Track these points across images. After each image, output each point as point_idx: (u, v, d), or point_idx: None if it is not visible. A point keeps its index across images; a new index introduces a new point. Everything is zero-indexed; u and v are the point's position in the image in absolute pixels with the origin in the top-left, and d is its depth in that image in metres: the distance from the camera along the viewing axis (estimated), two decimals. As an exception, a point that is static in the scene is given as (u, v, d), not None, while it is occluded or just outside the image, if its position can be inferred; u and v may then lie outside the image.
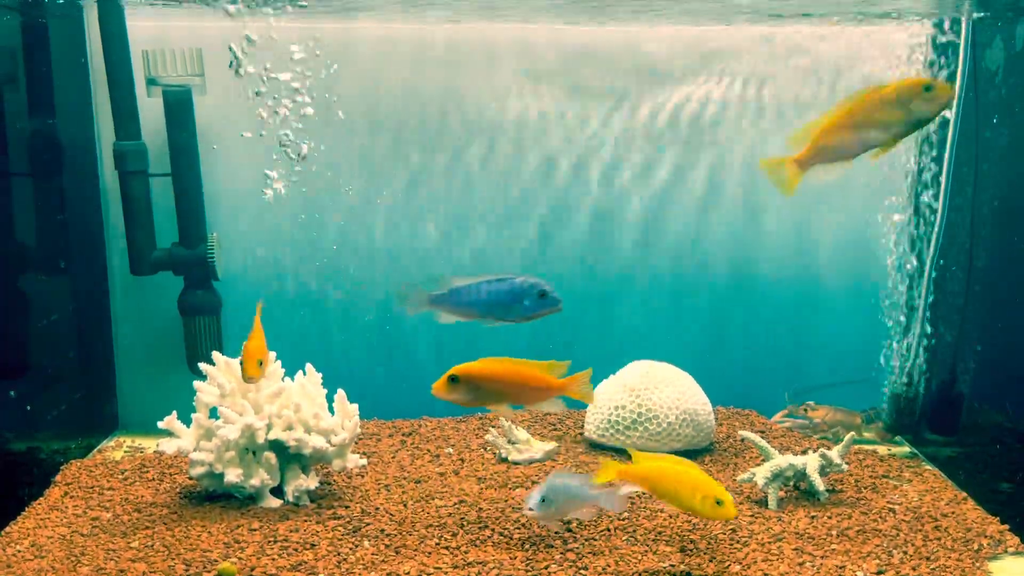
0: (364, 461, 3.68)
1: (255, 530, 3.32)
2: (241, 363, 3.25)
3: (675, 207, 4.68)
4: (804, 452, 3.99)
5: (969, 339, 4.49)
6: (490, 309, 2.87)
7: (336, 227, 4.57)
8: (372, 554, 3.14)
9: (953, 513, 3.54)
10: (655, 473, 3.03)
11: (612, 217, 4.67)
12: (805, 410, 4.33)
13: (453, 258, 4.64)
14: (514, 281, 2.86)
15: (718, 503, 2.93)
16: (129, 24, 4.12)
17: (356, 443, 4.13)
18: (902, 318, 4.57)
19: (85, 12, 4.21)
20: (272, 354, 3.65)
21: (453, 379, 3.04)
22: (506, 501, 3.60)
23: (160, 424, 3.58)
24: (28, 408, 4.34)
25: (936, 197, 4.41)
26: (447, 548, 3.19)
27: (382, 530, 3.33)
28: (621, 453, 4.12)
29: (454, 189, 4.60)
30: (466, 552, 3.16)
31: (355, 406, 3.62)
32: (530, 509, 3.05)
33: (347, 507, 3.55)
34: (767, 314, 4.75)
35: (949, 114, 4.31)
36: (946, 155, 4.35)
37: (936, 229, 4.41)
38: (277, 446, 3.55)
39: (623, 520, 3.43)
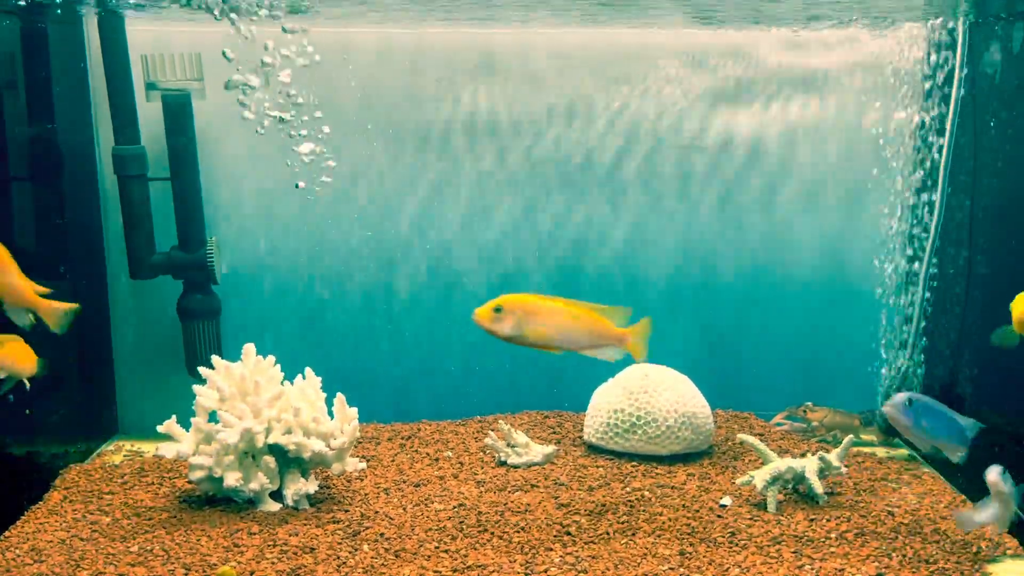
0: (363, 465, 3.68)
1: (254, 534, 3.32)
2: None
3: (674, 209, 4.69)
4: (803, 455, 3.99)
5: (967, 341, 4.49)
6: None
7: (335, 226, 4.58)
8: (371, 558, 3.15)
9: (952, 516, 3.55)
10: None
11: (610, 218, 4.68)
12: (804, 411, 4.34)
13: (461, 255, 4.66)
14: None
15: None
16: (128, 29, 4.13)
17: (355, 447, 4.13)
18: (900, 320, 4.58)
19: (84, 17, 4.22)
20: (271, 358, 3.66)
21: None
22: (505, 504, 3.61)
23: (159, 428, 3.59)
24: (27, 412, 4.34)
25: (933, 200, 4.42)
26: (446, 552, 3.19)
27: (381, 534, 3.33)
28: (620, 456, 4.13)
29: (464, 187, 4.61)
30: (465, 555, 3.16)
31: (354, 410, 3.62)
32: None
33: (346, 511, 3.55)
34: (766, 316, 4.76)
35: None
36: (943, 158, 4.36)
37: (933, 231, 4.41)
38: (276, 450, 3.55)
39: (622, 523, 3.43)
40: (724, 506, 3.62)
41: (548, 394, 4.77)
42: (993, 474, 3.12)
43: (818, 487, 3.60)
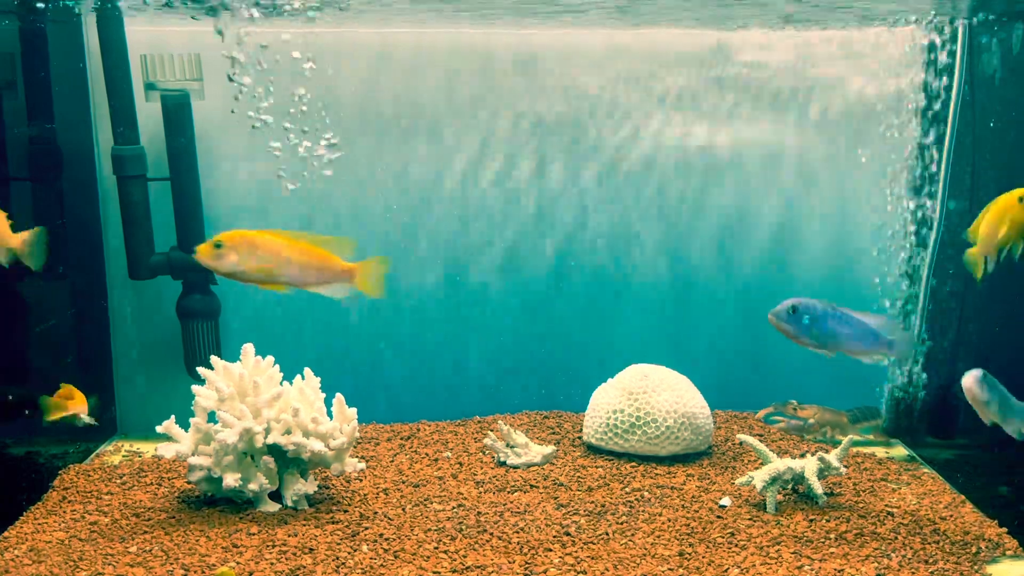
0: (363, 465, 3.68)
1: (253, 535, 3.32)
2: None
3: (669, 211, 4.69)
4: (802, 455, 3.99)
5: (967, 342, 4.49)
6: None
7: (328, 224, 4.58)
8: (370, 559, 3.14)
9: (951, 516, 3.55)
10: None
11: (610, 219, 4.68)
12: (794, 409, 4.30)
13: (457, 256, 4.65)
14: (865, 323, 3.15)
15: None
16: (127, 29, 4.13)
17: (355, 447, 4.13)
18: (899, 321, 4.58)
19: (84, 17, 4.21)
20: (270, 358, 3.66)
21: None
22: (504, 505, 3.61)
23: (158, 428, 3.59)
24: (27, 412, 4.34)
25: (933, 201, 4.42)
26: (445, 552, 3.19)
27: (380, 534, 3.33)
28: (620, 457, 4.13)
29: (452, 187, 4.60)
30: (464, 556, 3.16)
31: (354, 410, 3.62)
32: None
33: (345, 511, 3.55)
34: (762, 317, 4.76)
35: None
36: (943, 160, 4.36)
37: (933, 233, 4.41)
38: (275, 450, 3.55)
39: (621, 524, 3.43)
40: (723, 506, 3.62)
41: (547, 394, 4.77)
42: (968, 379, 2.89)
43: (817, 487, 3.60)
